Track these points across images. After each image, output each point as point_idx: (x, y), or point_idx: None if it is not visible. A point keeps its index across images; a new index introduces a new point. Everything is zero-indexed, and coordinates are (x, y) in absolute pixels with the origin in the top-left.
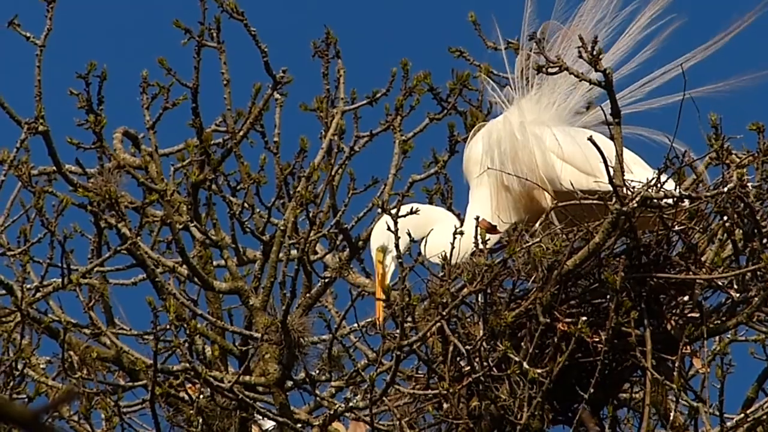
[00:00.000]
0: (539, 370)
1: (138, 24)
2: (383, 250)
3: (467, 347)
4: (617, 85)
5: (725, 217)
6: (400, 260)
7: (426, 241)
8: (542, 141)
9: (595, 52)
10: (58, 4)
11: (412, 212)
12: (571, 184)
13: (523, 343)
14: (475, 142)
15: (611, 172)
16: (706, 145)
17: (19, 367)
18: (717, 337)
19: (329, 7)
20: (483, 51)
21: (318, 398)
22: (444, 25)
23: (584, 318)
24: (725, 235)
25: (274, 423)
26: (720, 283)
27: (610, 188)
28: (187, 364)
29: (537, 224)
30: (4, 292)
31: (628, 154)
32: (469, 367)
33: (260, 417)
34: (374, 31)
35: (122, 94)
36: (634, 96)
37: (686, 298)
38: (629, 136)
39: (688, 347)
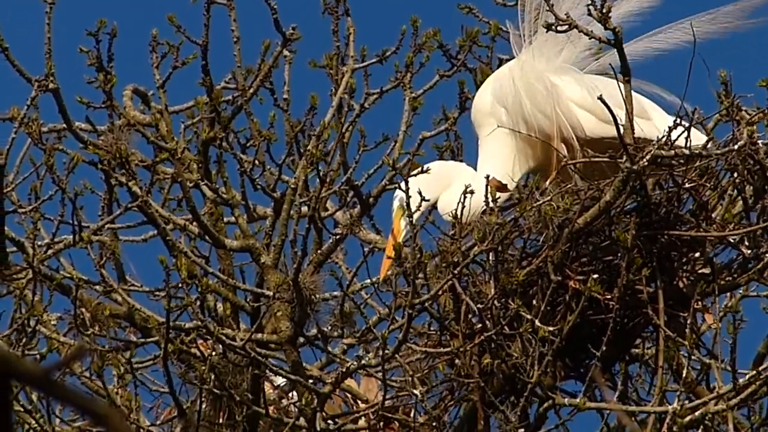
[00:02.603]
0: (550, 328)
1: None
2: (403, 209)
3: (479, 305)
4: None
5: (735, 174)
6: (410, 219)
7: (440, 199)
8: (559, 89)
9: (604, 10)
10: None
11: (423, 171)
12: (585, 132)
13: (534, 301)
14: (483, 90)
15: (621, 131)
16: (715, 103)
17: (31, 324)
18: (729, 293)
19: None
20: (493, 7)
21: (330, 355)
22: None
23: (595, 276)
24: (736, 192)
25: (285, 379)
26: (731, 240)
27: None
28: (199, 322)
29: (547, 182)
30: (15, 249)
31: (645, 101)
32: (480, 325)
33: (272, 374)
34: None
35: (132, 51)
36: (638, 46)
37: (697, 255)
38: (643, 90)
39: (700, 303)
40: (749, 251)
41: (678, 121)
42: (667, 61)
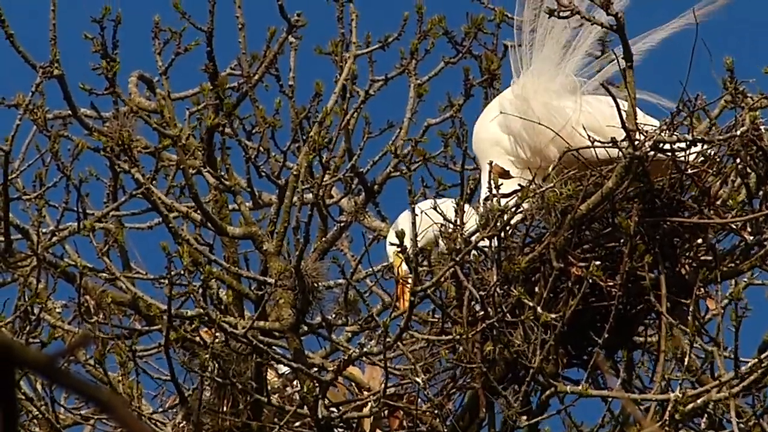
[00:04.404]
0: (553, 315)
1: None
2: (399, 257)
3: (481, 292)
4: None
5: (738, 160)
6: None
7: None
8: (563, 114)
9: None
10: None
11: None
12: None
13: (537, 288)
14: (484, 119)
15: (624, 116)
16: (718, 89)
17: (35, 311)
18: (732, 281)
19: None
20: None
21: (333, 343)
22: None
23: (598, 262)
24: (738, 178)
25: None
26: (734, 227)
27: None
28: (202, 310)
29: (550, 168)
30: (19, 236)
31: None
32: (483, 312)
33: (275, 362)
34: None
35: (137, 38)
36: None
37: (700, 241)
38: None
39: (702, 290)
40: (752, 237)
41: (680, 107)
42: (669, 49)
